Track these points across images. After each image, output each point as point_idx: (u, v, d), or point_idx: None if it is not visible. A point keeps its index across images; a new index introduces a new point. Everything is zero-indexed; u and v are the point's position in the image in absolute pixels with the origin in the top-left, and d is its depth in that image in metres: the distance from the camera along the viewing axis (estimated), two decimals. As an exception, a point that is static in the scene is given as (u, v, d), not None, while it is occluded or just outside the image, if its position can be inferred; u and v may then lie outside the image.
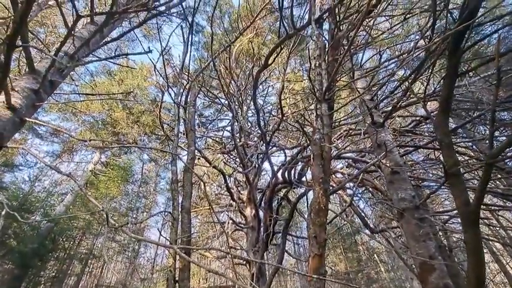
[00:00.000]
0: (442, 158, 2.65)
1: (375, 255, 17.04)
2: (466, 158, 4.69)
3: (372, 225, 5.23)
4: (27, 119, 2.17)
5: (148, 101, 14.65)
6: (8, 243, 9.32)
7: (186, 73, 6.67)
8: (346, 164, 6.23)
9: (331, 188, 4.28)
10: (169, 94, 8.98)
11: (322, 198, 2.08)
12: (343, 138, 6.40)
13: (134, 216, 17.76)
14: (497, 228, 8.67)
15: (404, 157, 4.89)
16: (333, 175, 6.35)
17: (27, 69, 2.37)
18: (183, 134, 6.60)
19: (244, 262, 8.67)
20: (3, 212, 2.21)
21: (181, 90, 5.53)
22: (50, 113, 14.05)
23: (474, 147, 5.08)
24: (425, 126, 5.17)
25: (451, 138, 1.54)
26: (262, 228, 8.83)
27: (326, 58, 3.27)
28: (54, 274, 11.45)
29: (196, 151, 5.88)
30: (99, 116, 14.59)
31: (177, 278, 2.44)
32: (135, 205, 18.32)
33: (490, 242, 8.49)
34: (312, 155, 2.36)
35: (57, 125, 10.99)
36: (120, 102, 13.76)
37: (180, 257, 2.52)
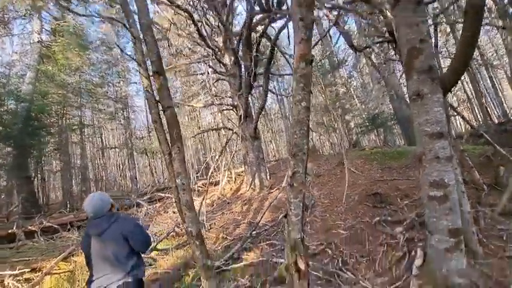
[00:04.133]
0: None
1: (351, 90, 18.40)
2: None
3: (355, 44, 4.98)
4: None
5: None
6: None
7: None
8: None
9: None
10: None
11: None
12: None
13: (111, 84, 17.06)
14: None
15: None
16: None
17: None
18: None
19: (231, 107, 9.15)
20: None
21: None
22: None
23: None
24: None
25: None
26: (243, 74, 8.70)
27: None
28: (55, 147, 12.17)
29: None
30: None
31: (157, 99, 2.34)
32: (109, 74, 17.18)
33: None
34: None
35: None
36: None
37: (154, 77, 2.31)
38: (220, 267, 3.82)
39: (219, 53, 9.91)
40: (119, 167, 19.66)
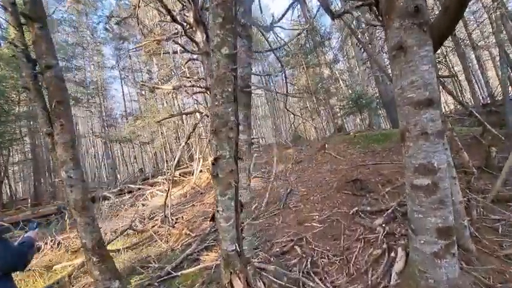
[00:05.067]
0: None
1: (336, 73, 17.76)
2: None
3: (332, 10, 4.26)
4: None
5: None
6: None
7: None
8: None
9: None
10: None
11: None
12: None
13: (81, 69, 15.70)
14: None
15: None
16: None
17: None
18: None
19: (204, 90, 8.33)
20: None
21: None
22: None
23: None
24: None
25: None
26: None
27: None
28: (18, 136, 11.03)
29: None
30: None
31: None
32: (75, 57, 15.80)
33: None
34: None
35: None
36: None
37: (28, 24, 1.54)
38: (171, 273, 3.21)
39: (190, 29, 8.97)
40: (95, 157, 18.53)
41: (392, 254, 2.50)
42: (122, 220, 6.62)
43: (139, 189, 8.99)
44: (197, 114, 7.19)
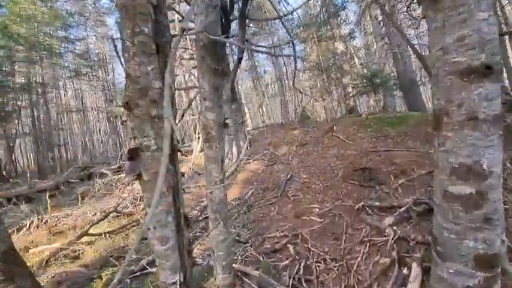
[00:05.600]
0: None
1: (352, 49, 16.48)
2: None
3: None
4: None
5: None
6: None
7: None
8: None
9: None
10: None
11: None
12: None
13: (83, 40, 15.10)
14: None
15: None
16: None
17: None
18: None
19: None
20: None
21: None
22: None
23: None
24: None
25: None
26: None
27: None
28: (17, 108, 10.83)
29: None
30: None
31: None
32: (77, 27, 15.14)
33: None
34: None
35: None
36: None
37: None
38: (146, 268, 2.85)
39: (190, -5, 8.14)
40: (99, 132, 18.44)
41: (405, 271, 2.00)
42: (117, 199, 6.36)
43: (137, 167, 8.71)
44: (195, 90, 6.61)
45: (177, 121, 5.00)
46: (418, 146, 5.03)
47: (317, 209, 3.67)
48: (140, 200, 5.89)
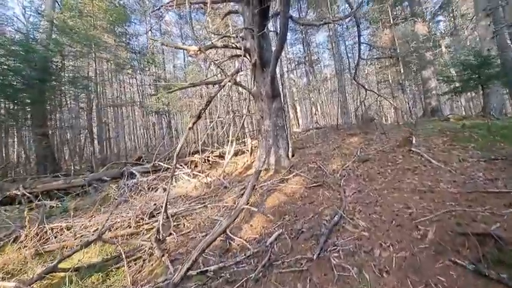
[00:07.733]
0: None
1: (437, 33, 12.92)
2: None
3: None
4: None
5: None
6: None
7: None
8: None
9: None
10: None
11: None
12: None
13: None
14: None
15: None
16: None
17: None
18: None
19: (242, 52, 6.27)
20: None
21: None
22: None
23: None
24: None
25: None
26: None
27: None
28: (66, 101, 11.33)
29: None
30: None
31: None
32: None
33: None
34: None
35: None
36: None
37: None
38: None
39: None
40: (148, 128, 18.95)
41: None
42: (131, 209, 5.50)
43: (167, 169, 7.93)
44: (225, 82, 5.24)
45: (190, 124, 3.61)
46: None
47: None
48: (150, 218, 4.88)
